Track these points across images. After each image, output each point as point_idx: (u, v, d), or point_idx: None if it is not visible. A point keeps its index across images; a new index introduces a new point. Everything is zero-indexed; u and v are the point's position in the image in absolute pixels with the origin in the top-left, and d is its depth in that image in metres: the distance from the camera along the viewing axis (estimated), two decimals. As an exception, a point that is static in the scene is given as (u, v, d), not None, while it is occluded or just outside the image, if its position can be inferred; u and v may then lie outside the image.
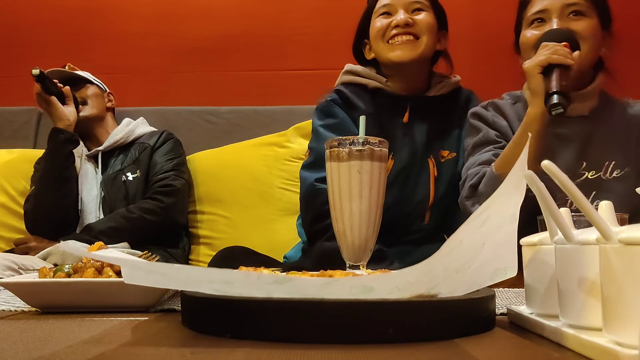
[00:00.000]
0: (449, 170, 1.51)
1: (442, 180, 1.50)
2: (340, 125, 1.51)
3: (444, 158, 1.52)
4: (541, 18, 1.38)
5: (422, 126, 1.53)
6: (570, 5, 1.36)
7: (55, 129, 1.93)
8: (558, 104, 1.18)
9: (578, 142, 1.39)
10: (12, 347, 0.58)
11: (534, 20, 1.39)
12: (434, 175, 1.49)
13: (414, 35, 1.49)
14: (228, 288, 0.61)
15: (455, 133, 1.55)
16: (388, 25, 1.50)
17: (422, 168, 1.50)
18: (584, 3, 1.37)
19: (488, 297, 0.65)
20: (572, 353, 0.53)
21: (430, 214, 1.49)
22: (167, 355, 0.54)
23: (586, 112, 1.40)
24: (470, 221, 0.60)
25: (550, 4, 1.37)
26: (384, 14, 1.52)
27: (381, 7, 1.53)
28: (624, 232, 0.46)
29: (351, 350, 0.53)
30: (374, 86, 1.55)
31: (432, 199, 1.49)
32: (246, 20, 2.49)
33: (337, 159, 0.88)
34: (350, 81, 1.58)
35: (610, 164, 1.37)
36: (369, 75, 1.57)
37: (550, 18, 1.36)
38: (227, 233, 2.06)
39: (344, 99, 1.55)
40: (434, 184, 1.49)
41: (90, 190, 1.99)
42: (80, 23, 2.53)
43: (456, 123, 1.56)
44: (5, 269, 1.54)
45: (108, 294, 0.80)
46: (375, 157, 0.88)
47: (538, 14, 1.38)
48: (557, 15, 1.36)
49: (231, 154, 2.18)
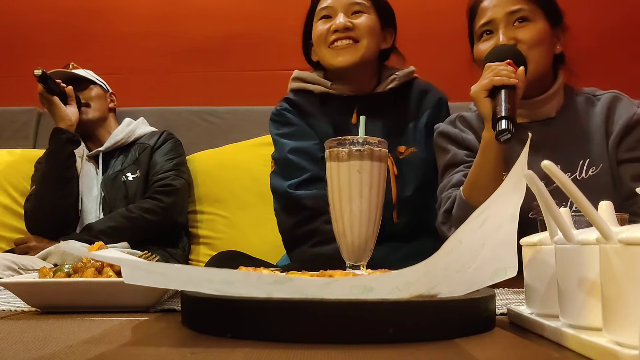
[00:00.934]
0: (410, 166, 1.47)
1: (403, 177, 1.46)
2: (297, 132, 1.52)
3: (402, 154, 1.48)
4: (489, 30, 1.37)
5: (374, 125, 1.48)
6: (514, 13, 1.34)
7: (57, 129, 1.93)
8: (505, 130, 1.14)
9: (548, 145, 1.34)
10: (12, 347, 0.58)
11: (483, 33, 1.38)
12: (393, 173, 1.45)
13: (354, 39, 1.48)
14: (228, 288, 0.61)
15: (411, 126, 1.52)
16: (328, 30, 1.49)
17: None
18: (528, 8, 1.35)
19: (488, 297, 0.65)
20: (572, 353, 0.53)
21: (398, 212, 1.46)
22: (167, 355, 0.54)
23: (552, 113, 1.38)
24: (470, 221, 0.60)
25: (495, 14, 1.36)
26: (324, 17, 1.51)
27: (321, 10, 1.52)
28: (624, 232, 0.46)
29: (351, 350, 0.53)
30: (320, 91, 1.55)
31: (394, 197, 1.45)
32: (246, 20, 2.49)
33: (336, 159, 0.88)
34: (298, 88, 1.59)
35: (585, 163, 1.34)
36: (314, 80, 1.57)
37: (497, 28, 1.35)
38: (226, 233, 2.06)
39: (295, 106, 1.56)
40: (395, 183, 1.45)
41: (91, 191, 1.99)
42: (81, 24, 2.53)
43: (412, 116, 1.52)
44: (5, 269, 1.54)
45: (108, 294, 0.80)
46: (375, 157, 0.88)
47: (485, 26, 1.37)
48: (503, 25, 1.34)
49: (231, 154, 2.18)
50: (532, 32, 1.33)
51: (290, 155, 1.48)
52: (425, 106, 1.53)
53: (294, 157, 1.48)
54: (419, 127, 1.51)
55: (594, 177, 1.33)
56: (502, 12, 1.35)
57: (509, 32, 1.34)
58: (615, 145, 1.34)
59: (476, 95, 1.24)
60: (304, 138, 1.51)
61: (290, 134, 1.52)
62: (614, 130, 1.35)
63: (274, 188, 1.51)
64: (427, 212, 1.46)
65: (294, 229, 1.45)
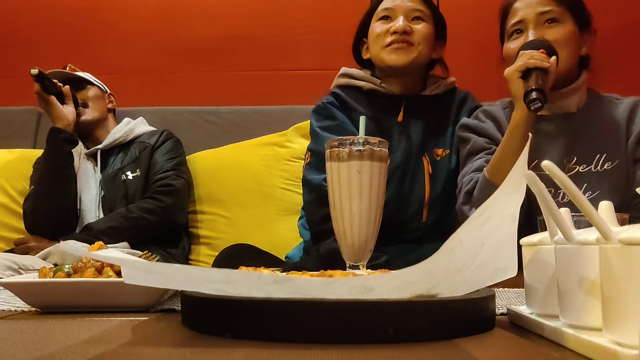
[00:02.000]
0: (443, 168, 1.54)
1: (437, 177, 1.53)
2: (339, 127, 1.54)
3: (439, 156, 1.54)
4: (519, 29, 1.44)
5: (417, 125, 1.56)
6: (544, 14, 1.41)
7: (54, 128, 1.93)
8: (536, 99, 1.24)
9: (565, 137, 1.43)
10: (12, 347, 0.58)
11: (514, 32, 1.45)
12: (428, 172, 1.52)
13: (409, 43, 1.53)
14: (228, 288, 0.61)
15: (449, 131, 1.57)
16: (387, 31, 1.53)
17: (417, 166, 1.53)
18: (558, 10, 1.42)
19: (488, 297, 0.65)
20: (572, 353, 0.53)
21: (428, 211, 1.52)
22: (167, 355, 0.54)
23: (574, 108, 1.46)
24: (470, 221, 0.60)
25: (526, 14, 1.43)
26: (384, 17, 1.55)
27: (382, 11, 1.56)
28: (624, 232, 0.46)
29: (351, 350, 0.53)
30: (368, 88, 1.58)
31: (427, 196, 1.51)
32: (246, 20, 2.49)
33: (337, 159, 0.88)
34: (346, 84, 1.62)
35: (602, 157, 1.41)
36: (363, 77, 1.60)
37: (527, 28, 1.42)
38: (227, 233, 2.06)
39: (341, 101, 1.59)
40: (429, 182, 1.52)
41: (90, 190, 1.98)
42: (80, 23, 2.52)
43: (450, 122, 1.58)
44: (5, 269, 1.54)
45: (108, 294, 0.80)
46: (375, 157, 0.87)
47: (516, 25, 1.44)
48: (533, 25, 1.42)
49: (231, 154, 2.18)
50: (560, 32, 1.40)
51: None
52: (463, 113, 1.59)
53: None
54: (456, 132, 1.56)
55: (609, 171, 1.40)
56: (533, 13, 1.42)
57: (538, 31, 1.41)
58: (634, 145, 1.42)
59: (510, 76, 1.32)
60: (345, 133, 1.51)
61: (332, 128, 1.54)
62: (635, 130, 1.42)
63: (307, 180, 1.53)
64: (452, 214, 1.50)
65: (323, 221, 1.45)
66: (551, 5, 1.42)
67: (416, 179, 1.52)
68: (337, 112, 1.57)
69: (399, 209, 1.50)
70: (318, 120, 1.58)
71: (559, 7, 1.42)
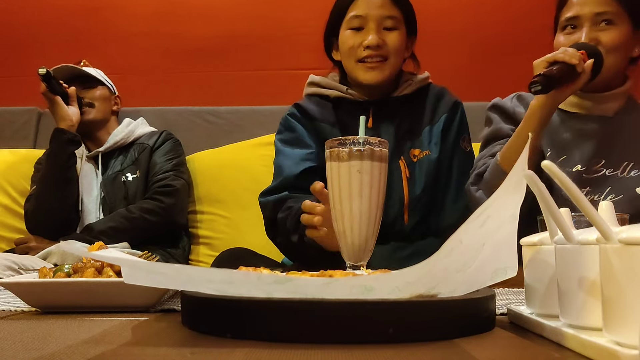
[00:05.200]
0: (422, 169, 1.49)
1: (415, 179, 1.49)
2: (296, 139, 1.53)
3: (416, 157, 1.50)
4: (573, 25, 1.41)
5: (389, 128, 1.52)
6: (600, 14, 1.38)
7: (58, 129, 1.93)
8: (536, 82, 1.22)
9: (598, 140, 1.42)
10: (12, 347, 0.58)
11: (567, 26, 1.42)
12: (405, 175, 1.48)
13: (384, 58, 1.49)
14: (228, 288, 0.61)
15: (427, 131, 1.53)
16: (360, 45, 1.48)
17: (393, 170, 1.48)
18: (615, 11, 1.38)
19: (488, 297, 0.65)
20: (572, 353, 0.53)
21: (409, 214, 1.48)
22: (167, 355, 0.54)
23: (610, 113, 1.45)
24: (470, 221, 0.60)
25: (582, 11, 1.39)
26: (355, 28, 1.50)
27: (353, 18, 1.50)
28: (624, 232, 0.46)
29: (351, 350, 0.53)
30: (335, 96, 1.56)
31: (406, 199, 1.47)
32: (246, 20, 2.49)
33: (337, 159, 0.88)
34: (314, 93, 1.60)
35: (629, 165, 1.40)
36: (330, 85, 1.58)
37: (582, 25, 1.39)
38: (227, 233, 2.06)
39: (303, 112, 1.57)
40: (407, 184, 1.48)
41: (91, 191, 1.99)
42: (81, 23, 2.53)
43: (427, 120, 1.54)
44: (5, 269, 1.54)
45: (108, 294, 0.80)
46: (376, 157, 0.87)
47: (570, 20, 1.41)
48: (588, 24, 1.38)
49: (231, 154, 2.18)
50: (614, 35, 1.37)
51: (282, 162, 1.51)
52: (440, 110, 1.54)
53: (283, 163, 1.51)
54: (434, 131, 1.52)
55: (635, 178, 1.39)
56: (590, 11, 1.38)
57: (592, 32, 1.37)
58: None
59: (537, 65, 1.30)
60: (299, 146, 1.52)
61: (289, 140, 1.54)
62: None
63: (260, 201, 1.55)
64: (434, 213, 1.49)
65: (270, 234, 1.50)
66: (608, 6, 1.38)
67: (393, 183, 1.46)
68: (296, 124, 1.55)
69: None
70: (279, 131, 1.58)
71: (616, 7, 1.38)
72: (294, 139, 1.54)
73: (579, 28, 1.40)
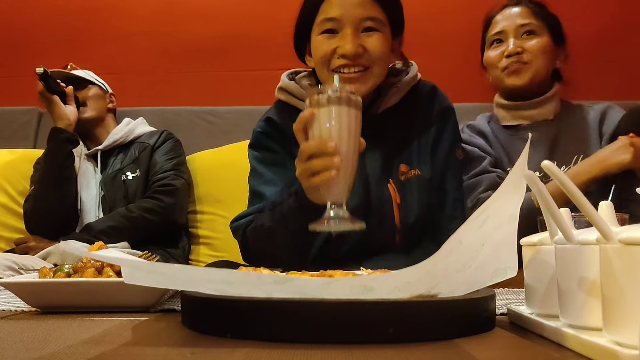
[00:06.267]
0: (413, 192, 1.29)
1: (407, 205, 1.29)
2: (274, 161, 1.33)
3: (404, 175, 1.30)
4: (499, 39, 1.62)
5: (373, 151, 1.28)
6: (524, 26, 1.59)
7: (56, 128, 1.93)
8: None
9: (546, 143, 1.57)
10: (12, 347, 0.58)
11: (494, 41, 1.63)
12: (396, 202, 1.28)
13: (364, 67, 1.24)
14: (228, 288, 0.61)
15: (415, 145, 1.32)
16: (333, 52, 1.24)
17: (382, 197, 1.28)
18: (536, 23, 1.59)
19: (488, 297, 0.65)
20: (572, 353, 0.53)
21: (401, 235, 1.30)
22: (167, 355, 0.54)
23: (551, 116, 1.62)
24: (470, 221, 0.60)
25: (507, 26, 1.60)
26: (327, 31, 1.25)
27: (325, 21, 1.25)
28: (624, 232, 0.46)
29: (351, 350, 0.53)
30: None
31: (398, 225, 1.28)
32: (246, 20, 2.49)
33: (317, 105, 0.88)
34: (286, 100, 1.38)
35: (579, 158, 1.52)
36: (301, 94, 1.34)
37: (507, 38, 1.60)
38: (226, 233, 2.05)
39: (277, 129, 1.35)
40: (399, 211, 1.28)
41: (90, 190, 1.99)
42: (81, 23, 2.52)
43: (416, 132, 1.33)
44: (5, 269, 1.54)
45: (108, 294, 0.80)
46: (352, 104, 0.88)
47: (496, 35, 1.62)
48: (512, 36, 1.59)
49: (231, 154, 2.18)
50: (538, 43, 1.58)
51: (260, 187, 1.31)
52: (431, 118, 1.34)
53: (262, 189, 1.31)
54: (422, 147, 1.32)
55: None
56: (513, 25, 1.60)
57: (517, 42, 1.58)
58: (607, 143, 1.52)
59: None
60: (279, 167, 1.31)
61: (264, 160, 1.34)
62: (606, 132, 1.58)
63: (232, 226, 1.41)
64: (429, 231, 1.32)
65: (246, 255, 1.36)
66: (530, 19, 1.59)
67: (383, 209, 1.28)
68: (272, 143, 1.34)
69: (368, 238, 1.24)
70: (255, 150, 1.36)
71: (537, 21, 1.59)
72: (271, 160, 1.33)
73: (504, 42, 1.61)
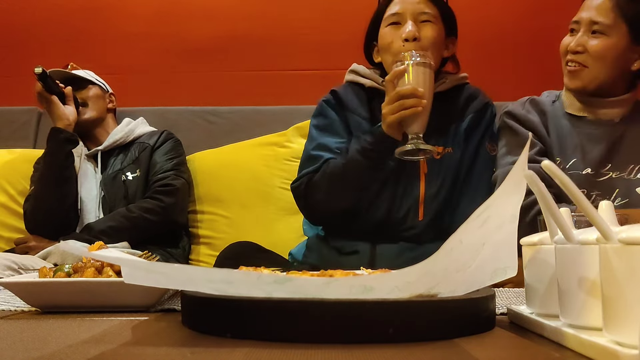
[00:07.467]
0: (442, 167, 1.50)
1: (433, 176, 1.49)
2: (330, 126, 1.55)
3: (439, 154, 1.50)
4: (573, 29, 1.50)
5: None
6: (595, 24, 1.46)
7: (55, 128, 1.93)
8: None
9: (606, 143, 1.48)
10: (12, 347, 0.58)
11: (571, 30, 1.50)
12: (423, 171, 1.49)
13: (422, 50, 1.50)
14: (228, 288, 0.61)
15: (452, 129, 1.54)
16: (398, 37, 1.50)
17: (412, 165, 1.50)
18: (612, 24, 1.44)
19: (488, 297, 0.65)
20: (572, 353, 0.53)
21: (424, 210, 1.49)
22: (167, 355, 0.54)
23: (617, 118, 1.50)
24: (470, 221, 0.60)
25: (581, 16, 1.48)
26: (392, 23, 1.52)
27: (390, 16, 1.53)
28: (624, 232, 0.46)
29: (351, 350, 0.53)
30: (370, 85, 1.57)
31: (422, 195, 1.48)
32: (247, 20, 2.49)
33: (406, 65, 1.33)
34: (352, 80, 1.62)
35: (636, 167, 1.46)
36: (367, 75, 1.59)
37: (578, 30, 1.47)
38: (227, 233, 2.06)
39: (337, 99, 1.59)
40: (425, 180, 1.49)
41: (90, 190, 1.98)
42: (81, 23, 2.52)
43: (454, 119, 1.55)
44: (5, 269, 1.54)
45: (108, 294, 0.80)
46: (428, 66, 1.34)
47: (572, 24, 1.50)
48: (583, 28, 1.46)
49: (231, 154, 2.18)
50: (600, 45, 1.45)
51: (313, 151, 1.53)
52: (470, 110, 1.55)
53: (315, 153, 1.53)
54: (459, 130, 1.53)
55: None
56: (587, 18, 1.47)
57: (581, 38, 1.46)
58: None
59: None
60: (332, 134, 1.54)
61: (323, 126, 1.57)
62: None
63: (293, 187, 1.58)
64: (449, 212, 1.49)
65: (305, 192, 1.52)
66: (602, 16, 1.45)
67: (411, 178, 1.49)
68: (330, 111, 1.58)
69: (393, 207, 1.49)
70: (314, 116, 1.61)
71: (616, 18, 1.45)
72: (327, 125, 1.56)
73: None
